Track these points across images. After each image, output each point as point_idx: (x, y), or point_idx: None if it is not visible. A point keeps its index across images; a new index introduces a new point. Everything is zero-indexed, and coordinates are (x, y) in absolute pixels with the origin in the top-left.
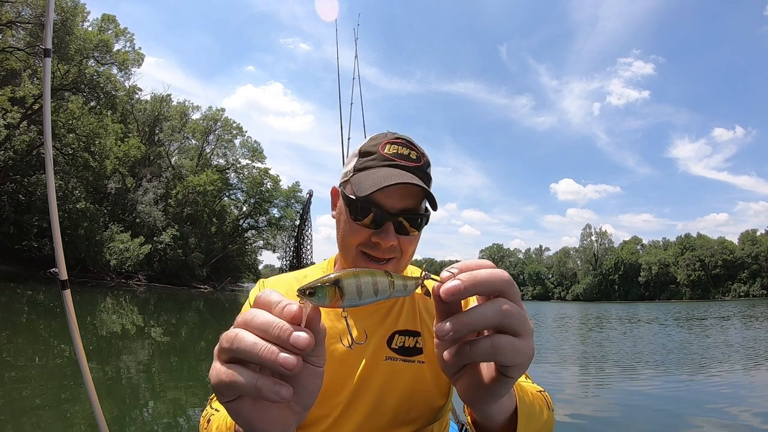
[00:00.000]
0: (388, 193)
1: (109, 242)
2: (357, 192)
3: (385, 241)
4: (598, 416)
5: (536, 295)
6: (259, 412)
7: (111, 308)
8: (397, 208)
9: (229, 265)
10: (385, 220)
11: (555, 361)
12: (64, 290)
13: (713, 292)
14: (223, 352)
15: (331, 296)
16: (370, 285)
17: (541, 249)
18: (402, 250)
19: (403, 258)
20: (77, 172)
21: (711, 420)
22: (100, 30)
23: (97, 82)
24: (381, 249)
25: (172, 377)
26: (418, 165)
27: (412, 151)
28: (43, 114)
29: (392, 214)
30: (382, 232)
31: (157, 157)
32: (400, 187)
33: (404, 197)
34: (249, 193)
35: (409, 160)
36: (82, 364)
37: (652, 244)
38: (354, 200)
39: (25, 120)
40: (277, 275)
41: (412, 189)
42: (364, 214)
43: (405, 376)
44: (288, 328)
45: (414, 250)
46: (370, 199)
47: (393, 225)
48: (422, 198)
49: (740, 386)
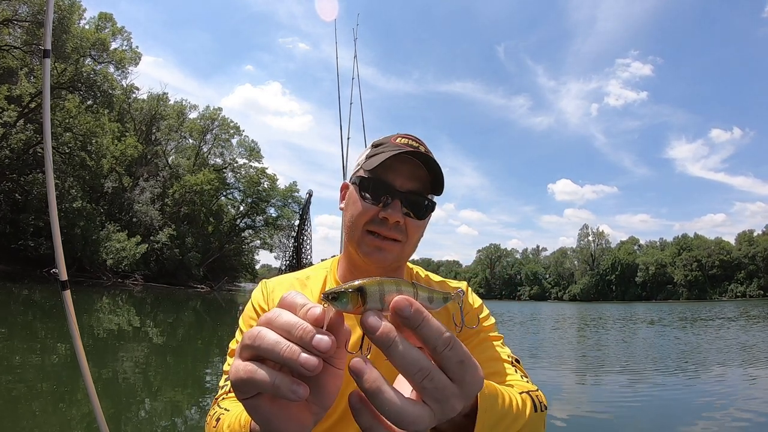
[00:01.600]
0: (398, 173)
1: (106, 242)
2: (367, 169)
3: (392, 216)
4: (595, 417)
5: (533, 295)
6: (277, 410)
7: (107, 308)
8: (406, 187)
9: (226, 265)
10: (393, 196)
11: (551, 361)
12: (64, 291)
13: (710, 292)
14: (245, 348)
15: (354, 302)
16: (394, 294)
17: (538, 249)
18: (408, 233)
19: (408, 243)
20: (74, 171)
21: (710, 420)
22: (97, 28)
23: (93, 81)
24: (387, 226)
25: (168, 377)
26: (429, 156)
27: (420, 146)
28: (43, 115)
29: (400, 192)
30: (389, 208)
31: (154, 157)
32: (409, 167)
33: (412, 179)
34: (246, 192)
35: (418, 150)
36: (82, 365)
37: (650, 245)
38: (365, 178)
39: (22, 119)
40: (279, 276)
41: (421, 173)
42: (373, 189)
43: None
44: (311, 330)
45: (418, 239)
46: (379, 178)
47: (400, 202)
48: (431, 186)
49: (737, 387)
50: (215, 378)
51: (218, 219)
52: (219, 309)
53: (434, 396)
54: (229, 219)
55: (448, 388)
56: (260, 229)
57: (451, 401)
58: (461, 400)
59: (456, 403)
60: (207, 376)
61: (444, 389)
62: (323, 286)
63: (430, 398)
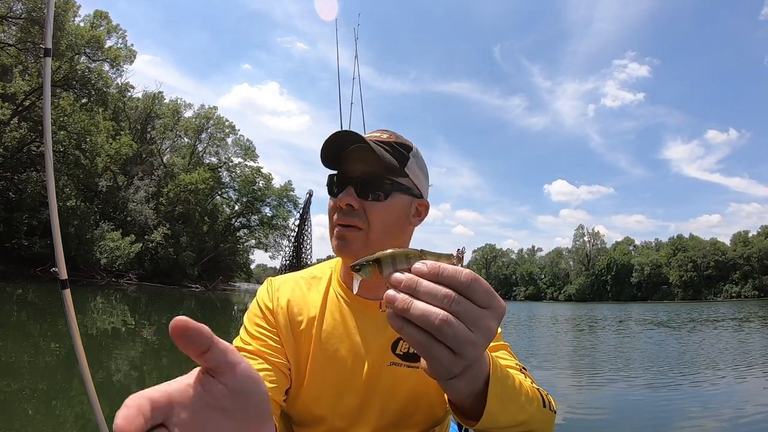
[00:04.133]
0: (348, 162)
1: (100, 241)
2: (324, 166)
3: (342, 201)
4: (591, 418)
5: (529, 296)
6: None
7: (101, 307)
8: (359, 172)
9: (221, 265)
10: (345, 185)
11: (547, 361)
12: (64, 290)
13: (705, 293)
14: None
15: (372, 272)
16: (404, 261)
17: (533, 249)
18: (368, 218)
19: (372, 229)
20: (68, 169)
21: (708, 421)
22: (92, 26)
23: (88, 79)
24: (343, 212)
25: (163, 377)
26: (386, 141)
27: (384, 134)
28: (44, 113)
29: (351, 178)
30: (341, 193)
31: (149, 155)
32: (356, 154)
33: (361, 162)
34: (241, 191)
35: (378, 138)
36: (82, 364)
37: (645, 245)
38: (329, 175)
39: (16, 117)
40: (285, 274)
41: (371, 156)
42: (331, 182)
43: (408, 381)
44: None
45: (387, 225)
46: (335, 170)
47: (353, 189)
48: (384, 166)
49: (734, 389)
50: None
51: (213, 218)
52: (214, 309)
53: (465, 318)
54: (224, 218)
55: (475, 310)
56: (255, 228)
57: (484, 321)
58: (494, 320)
59: (490, 323)
60: None
61: (473, 311)
62: (328, 285)
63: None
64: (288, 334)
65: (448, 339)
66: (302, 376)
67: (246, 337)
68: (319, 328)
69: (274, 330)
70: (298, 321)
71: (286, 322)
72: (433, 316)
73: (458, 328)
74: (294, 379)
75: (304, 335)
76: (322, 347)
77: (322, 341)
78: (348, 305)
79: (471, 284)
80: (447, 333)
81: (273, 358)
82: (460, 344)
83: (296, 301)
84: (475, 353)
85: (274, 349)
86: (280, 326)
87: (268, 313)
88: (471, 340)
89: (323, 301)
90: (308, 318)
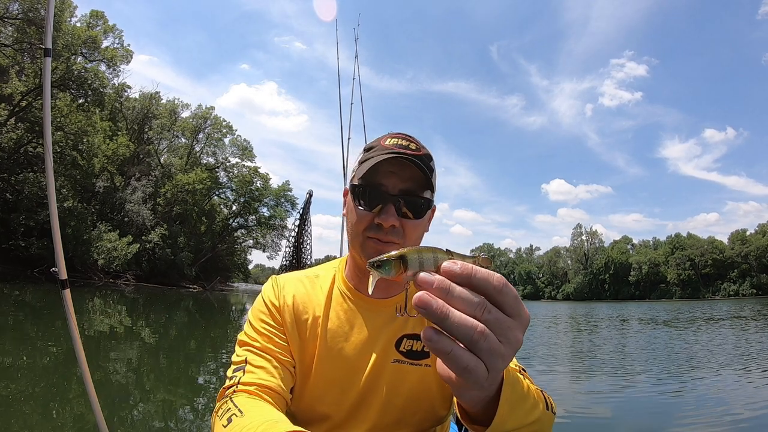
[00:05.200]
0: (388, 176)
1: (97, 241)
2: (359, 177)
3: (386, 221)
4: (591, 418)
5: (527, 295)
6: None
7: (99, 308)
8: (397, 189)
9: (219, 265)
10: (386, 201)
11: (546, 360)
12: (63, 290)
13: (703, 291)
14: None
15: (396, 269)
16: (432, 260)
17: (531, 248)
18: (405, 234)
19: (405, 244)
20: (65, 170)
21: (709, 421)
22: (88, 26)
23: (84, 79)
24: (384, 230)
25: (161, 377)
26: (417, 154)
27: (411, 143)
28: (44, 113)
29: (392, 195)
30: (383, 213)
31: (146, 156)
32: (398, 169)
33: (404, 180)
34: (238, 192)
35: (408, 149)
36: (82, 364)
37: (643, 244)
38: (357, 186)
39: (13, 117)
40: (288, 272)
41: (412, 173)
42: (366, 197)
43: (411, 378)
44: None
45: (418, 237)
46: (371, 183)
47: (394, 206)
48: (423, 184)
49: (735, 389)
50: (208, 378)
51: (210, 218)
52: (211, 309)
53: (495, 328)
54: (221, 218)
55: (506, 321)
56: (253, 228)
57: (513, 332)
58: (521, 331)
59: (518, 334)
60: (200, 376)
61: (503, 321)
62: (332, 285)
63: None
64: (294, 332)
65: (482, 353)
66: (307, 374)
67: (252, 333)
68: (324, 327)
69: (280, 328)
70: (303, 319)
71: (292, 320)
72: (472, 328)
73: (492, 341)
74: (299, 376)
75: (309, 333)
76: (327, 346)
77: (327, 340)
78: (352, 303)
79: (503, 289)
80: (483, 347)
81: (280, 356)
82: (492, 358)
83: (301, 299)
84: (503, 366)
85: (280, 347)
86: (287, 324)
87: (274, 310)
88: (501, 353)
89: (327, 300)
90: (313, 316)
